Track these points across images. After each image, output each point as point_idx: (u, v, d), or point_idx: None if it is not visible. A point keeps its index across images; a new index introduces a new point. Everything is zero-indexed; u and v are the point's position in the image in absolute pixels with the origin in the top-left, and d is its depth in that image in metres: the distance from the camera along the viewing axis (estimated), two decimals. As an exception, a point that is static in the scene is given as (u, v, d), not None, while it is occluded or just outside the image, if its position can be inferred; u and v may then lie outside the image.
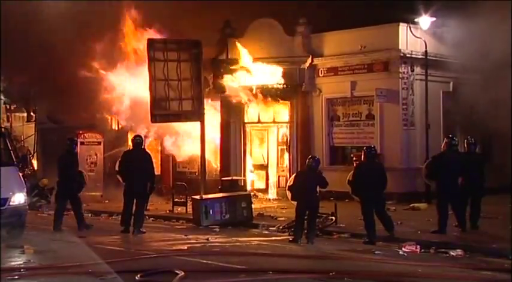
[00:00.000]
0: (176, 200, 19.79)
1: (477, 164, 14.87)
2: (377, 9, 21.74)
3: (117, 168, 16.05)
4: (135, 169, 15.38)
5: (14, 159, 14.31)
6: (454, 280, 10.00)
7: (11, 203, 13.54)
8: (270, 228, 16.03)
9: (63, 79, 22.08)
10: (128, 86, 22.12)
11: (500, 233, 13.84)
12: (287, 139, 23.65)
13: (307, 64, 23.05)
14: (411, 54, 21.50)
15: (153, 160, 16.63)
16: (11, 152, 14.42)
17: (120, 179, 15.87)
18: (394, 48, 21.45)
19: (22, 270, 10.55)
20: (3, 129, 15.27)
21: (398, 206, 18.91)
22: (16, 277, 10.01)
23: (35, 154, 27.85)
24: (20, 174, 14.44)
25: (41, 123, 28.63)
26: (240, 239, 14.44)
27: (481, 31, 18.72)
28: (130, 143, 18.00)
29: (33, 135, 28.85)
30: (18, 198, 13.82)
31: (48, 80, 22.78)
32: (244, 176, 23.21)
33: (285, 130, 23.81)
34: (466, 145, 15.15)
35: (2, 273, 10.00)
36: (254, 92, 22.70)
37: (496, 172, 20.14)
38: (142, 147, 16.20)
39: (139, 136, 16.29)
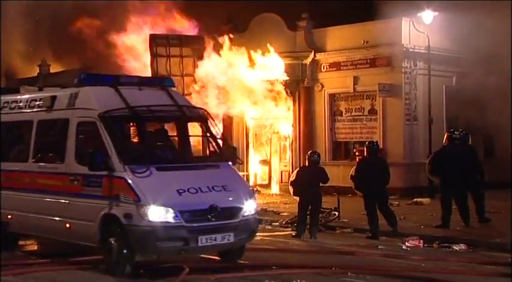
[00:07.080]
0: (179, 195, 19.72)
1: (469, 157, 14.44)
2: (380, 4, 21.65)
3: None
4: None
5: (223, 152, 10.88)
6: (457, 274, 10.00)
7: (244, 215, 10.11)
8: (273, 224, 16.01)
9: None
10: None
11: (503, 227, 13.81)
12: (289, 134, 23.63)
13: (309, 59, 23.03)
14: (414, 48, 21.44)
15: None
16: (220, 142, 10.96)
17: None
18: (396, 43, 21.39)
19: (31, 264, 10.56)
20: (204, 112, 11.34)
21: (401, 201, 18.89)
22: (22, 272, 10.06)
23: None
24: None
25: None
26: (243, 234, 14.42)
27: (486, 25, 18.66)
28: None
29: None
30: (249, 207, 10.25)
31: None
32: (247, 171, 23.21)
33: (287, 125, 23.79)
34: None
35: (6, 269, 10.02)
36: (256, 86, 22.64)
37: (501, 167, 20.14)
38: None
39: None
